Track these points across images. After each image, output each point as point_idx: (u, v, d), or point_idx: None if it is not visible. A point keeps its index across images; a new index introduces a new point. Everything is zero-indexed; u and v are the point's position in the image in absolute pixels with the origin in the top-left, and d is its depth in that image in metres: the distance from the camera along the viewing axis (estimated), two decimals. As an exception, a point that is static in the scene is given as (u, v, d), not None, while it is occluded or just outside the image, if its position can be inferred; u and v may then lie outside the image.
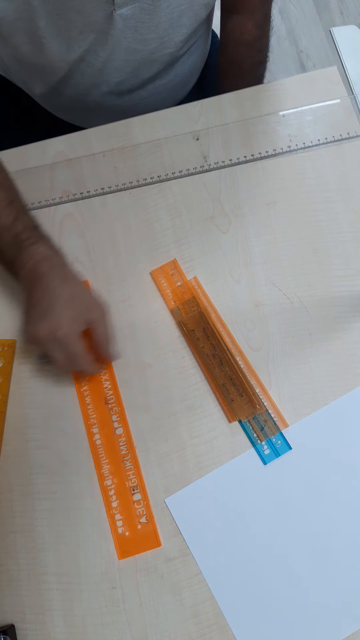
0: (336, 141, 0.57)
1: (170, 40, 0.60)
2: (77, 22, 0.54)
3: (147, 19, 0.55)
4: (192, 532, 0.46)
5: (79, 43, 0.57)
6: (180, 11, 0.56)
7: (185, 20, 0.58)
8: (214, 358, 0.50)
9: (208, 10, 0.61)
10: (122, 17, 0.54)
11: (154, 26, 0.56)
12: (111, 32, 0.55)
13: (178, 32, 0.59)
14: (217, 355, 0.50)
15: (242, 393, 0.49)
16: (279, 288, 0.53)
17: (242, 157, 0.58)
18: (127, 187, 0.58)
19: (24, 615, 0.46)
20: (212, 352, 0.50)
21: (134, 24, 0.55)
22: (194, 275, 0.54)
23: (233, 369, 0.49)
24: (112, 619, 0.45)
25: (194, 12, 0.58)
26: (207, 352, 0.50)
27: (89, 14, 0.53)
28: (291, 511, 0.46)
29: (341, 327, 0.51)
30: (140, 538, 0.47)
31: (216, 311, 0.52)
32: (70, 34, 0.55)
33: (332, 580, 0.45)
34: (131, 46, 0.58)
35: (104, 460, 0.49)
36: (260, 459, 0.48)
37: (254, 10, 0.64)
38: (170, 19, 0.56)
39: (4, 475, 0.49)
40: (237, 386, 0.49)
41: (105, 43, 0.57)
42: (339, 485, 0.47)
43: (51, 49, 0.57)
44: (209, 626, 0.44)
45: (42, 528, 0.48)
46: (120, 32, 0.56)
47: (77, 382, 0.52)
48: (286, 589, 0.45)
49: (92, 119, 0.62)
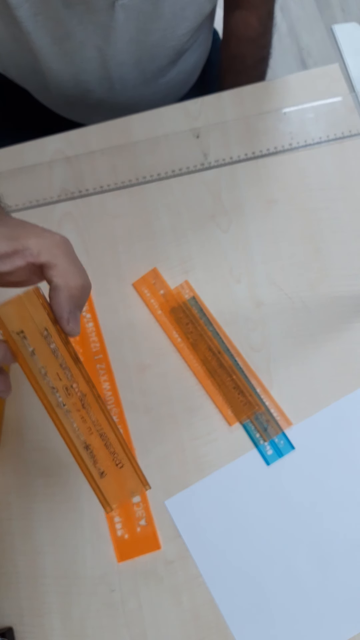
0: (338, 139, 0.57)
1: (173, 33, 0.59)
2: (80, 12, 0.53)
3: (149, 8, 0.54)
4: (192, 535, 0.46)
5: (79, 32, 0.56)
6: (184, 3, 0.55)
7: (189, 14, 0.57)
8: (211, 361, 0.50)
9: (212, 5, 0.60)
10: (124, 8, 0.53)
11: (156, 17, 0.55)
12: (112, 24, 0.55)
13: (181, 25, 0.58)
14: (214, 358, 0.50)
15: (240, 394, 0.48)
16: (280, 287, 0.52)
17: (243, 154, 0.57)
18: (126, 185, 0.57)
19: (22, 618, 0.45)
20: (209, 355, 0.50)
21: (136, 15, 0.54)
22: (194, 274, 0.53)
23: (229, 371, 0.49)
24: (110, 622, 0.45)
25: (198, 5, 0.57)
26: (204, 355, 0.50)
27: (91, 2, 0.52)
28: (293, 512, 0.46)
29: (343, 327, 0.51)
30: (139, 541, 0.46)
31: (210, 314, 0.52)
32: (71, 21, 0.54)
33: (334, 583, 0.44)
34: (133, 39, 0.58)
35: (103, 462, 0.48)
36: (263, 460, 0.47)
37: (257, 6, 0.64)
38: (174, 11, 0.56)
39: (2, 476, 0.49)
40: (235, 388, 0.49)
41: (108, 35, 0.57)
42: (342, 486, 0.46)
43: (50, 37, 0.56)
44: (209, 629, 0.44)
45: (40, 530, 0.47)
46: (122, 24, 0.55)
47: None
48: (287, 592, 0.44)
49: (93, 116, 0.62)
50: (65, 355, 0.32)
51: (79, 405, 0.33)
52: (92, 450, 0.33)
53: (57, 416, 0.32)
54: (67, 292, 0.30)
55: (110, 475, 0.33)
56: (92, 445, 0.33)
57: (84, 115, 0.73)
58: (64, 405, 0.32)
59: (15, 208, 0.57)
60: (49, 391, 0.32)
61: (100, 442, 0.33)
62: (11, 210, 0.57)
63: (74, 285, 0.31)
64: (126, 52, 0.59)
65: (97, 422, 0.33)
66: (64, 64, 0.62)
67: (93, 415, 0.33)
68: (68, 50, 0.59)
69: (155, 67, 0.64)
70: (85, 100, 0.68)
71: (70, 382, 0.32)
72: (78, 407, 0.33)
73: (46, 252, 0.30)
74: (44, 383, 0.32)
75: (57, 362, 0.32)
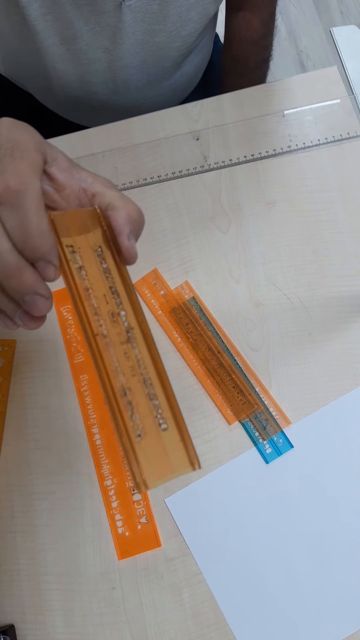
0: (336, 141, 0.57)
1: (178, 34, 0.59)
2: (88, 11, 0.53)
3: (156, 10, 0.54)
4: (192, 532, 0.46)
5: (85, 33, 0.56)
6: (189, 5, 0.56)
7: (194, 15, 0.58)
8: (210, 361, 0.50)
9: (216, 7, 0.61)
10: (131, 9, 0.53)
11: (162, 18, 0.56)
12: (119, 24, 0.55)
13: (186, 26, 0.59)
14: (213, 358, 0.50)
15: (240, 393, 0.49)
16: (279, 288, 0.53)
17: (242, 157, 0.58)
18: (127, 187, 0.58)
19: (24, 616, 0.46)
20: (209, 355, 0.50)
21: (142, 17, 0.55)
22: (194, 275, 0.54)
23: (229, 371, 0.49)
24: (112, 619, 0.45)
25: (202, 7, 0.57)
26: (203, 355, 0.50)
27: (99, 2, 0.52)
28: (292, 510, 0.46)
29: (341, 327, 0.51)
30: (140, 538, 0.47)
31: (210, 314, 0.52)
32: (79, 21, 0.55)
33: (333, 580, 0.45)
34: (139, 40, 0.58)
35: (104, 461, 0.49)
36: (262, 458, 0.48)
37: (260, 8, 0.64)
38: (179, 12, 0.56)
39: (4, 475, 0.49)
40: (234, 387, 0.49)
41: (114, 37, 0.57)
42: (340, 484, 0.47)
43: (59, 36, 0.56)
44: (209, 626, 0.44)
45: (42, 528, 0.48)
46: (129, 26, 0.55)
47: (77, 382, 0.52)
48: (286, 589, 0.45)
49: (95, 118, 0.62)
50: (116, 279, 0.27)
51: (123, 338, 0.27)
52: (132, 399, 0.26)
53: (97, 345, 0.26)
54: (125, 212, 0.29)
55: (149, 438, 0.26)
56: (133, 392, 0.26)
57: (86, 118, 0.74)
58: (105, 334, 0.26)
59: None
60: (92, 312, 0.26)
61: (142, 390, 0.26)
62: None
63: (133, 208, 0.29)
64: (132, 54, 0.60)
65: (142, 363, 0.27)
66: (70, 65, 0.62)
67: (139, 353, 0.27)
68: (75, 50, 0.59)
69: (160, 69, 0.65)
70: (88, 102, 0.69)
71: (118, 309, 0.27)
72: (122, 340, 0.27)
73: (98, 184, 0.30)
74: (88, 304, 0.27)
75: (106, 284, 0.27)
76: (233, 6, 0.65)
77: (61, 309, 0.54)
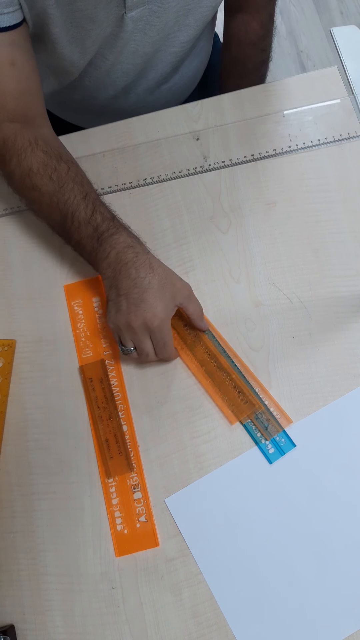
0: (336, 141, 0.57)
1: (176, 40, 0.59)
2: (90, 30, 0.53)
3: (155, 20, 0.55)
4: (192, 533, 0.46)
5: (90, 48, 0.56)
6: (186, 10, 0.56)
7: (191, 21, 0.58)
8: (209, 363, 0.50)
9: (214, 12, 0.61)
10: (132, 20, 0.53)
11: (161, 25, 0.56)
12: (120, 34, 0.55)
13: (184, 31, 0.59)
14: (211, 361, 0.50)
15: (240, 393, 0.49)
16: (279, 288, 0.53)
17: (242, 157, 0.58)
18: (127, 187, 0.58)
19: (24, 616, 0.46)
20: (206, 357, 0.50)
21: (142, 26, 0.55)
22: (194, 275, 0.54)
23: (228, 372, 0.49)
24: (112, 619, 0.45)
25: (200, 13, 0.57)
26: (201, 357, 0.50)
27: (102, 21, 0.52)
28: (292, 510, 0.46)
29: (341, 327, 0.51)
30: (138, 537, 0.47)
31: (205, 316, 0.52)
32: (83, 42, 0.55)
33: (334, 580, 0.45)
34: (138, 47, 0.58)
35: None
36: (265, 458, 0.48)
37: (259, 9, 0.64)
38: (177, 17, 0.56)
39: (4, 475, 0.49)
40: (235, 387, 0.49)
41: (114, 46, 0.57)
42: (341, 484, 0.47)
43: (64, 54, 0.56)
44: (208, 626, 0.44)
45: (42, 528, 0.48)
46: (129, 35, 0.55)
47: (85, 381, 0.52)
48: (287, 589, 0.45)
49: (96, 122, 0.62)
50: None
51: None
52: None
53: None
54: (194, 310, 0.50)
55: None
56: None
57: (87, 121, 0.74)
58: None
59: (18, 210, 0.58)
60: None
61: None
62: (13, 212, 0.58)
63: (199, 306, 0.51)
64: (131, 60, 0.60)
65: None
66: (74, 75, 0.62)
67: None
68: (79, 63, 0.59)
69: (158, 74, 0.65)
70: (89, 107, 0.69)
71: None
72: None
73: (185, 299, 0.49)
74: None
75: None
76: (232, 8, 0.65)
77: (72, 302, 0.54)
